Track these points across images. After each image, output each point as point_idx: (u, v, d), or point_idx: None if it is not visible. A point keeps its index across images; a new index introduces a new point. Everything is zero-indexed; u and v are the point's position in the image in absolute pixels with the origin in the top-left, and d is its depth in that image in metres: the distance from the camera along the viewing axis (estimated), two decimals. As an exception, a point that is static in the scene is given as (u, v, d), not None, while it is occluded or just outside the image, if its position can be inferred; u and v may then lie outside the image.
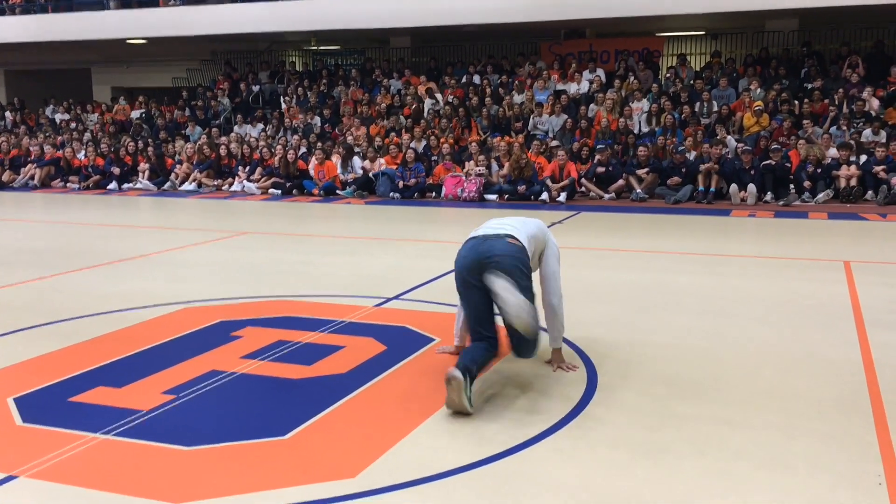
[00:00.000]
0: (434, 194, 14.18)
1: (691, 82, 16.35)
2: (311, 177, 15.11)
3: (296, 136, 16.82)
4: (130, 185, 16.51)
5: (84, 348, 5.25)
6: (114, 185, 16.39)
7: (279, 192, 15.11)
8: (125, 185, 16.48)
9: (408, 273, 7.53)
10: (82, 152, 17.55)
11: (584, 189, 13.83)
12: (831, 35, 17.52)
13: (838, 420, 3.94)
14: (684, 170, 13.26)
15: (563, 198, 13.20)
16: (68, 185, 16.92)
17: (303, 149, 16.01)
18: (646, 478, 3.36)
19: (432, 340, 5.30)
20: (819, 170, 12.85)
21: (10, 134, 20.05)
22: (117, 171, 16.59)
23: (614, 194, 13.59)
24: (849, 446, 3.64)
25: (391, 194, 14.22)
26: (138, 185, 16.41)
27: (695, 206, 12.69)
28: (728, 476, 3.37)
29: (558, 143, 14.77)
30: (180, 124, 19.30)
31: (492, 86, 17.43)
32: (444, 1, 17.37)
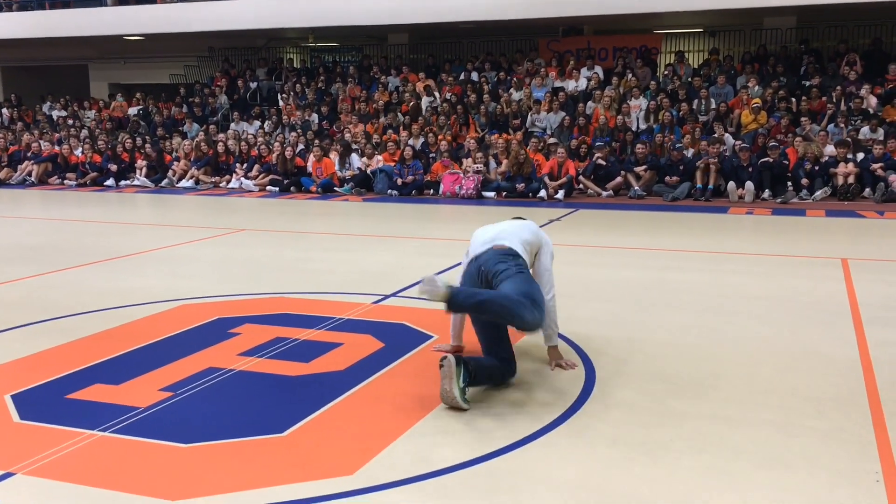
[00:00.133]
0: (432, 191, 14.17)
1: (689, 80, 16.36)
2: (308, 174, 15.11)
3: (293, 133, 16.80)
4: (127, 182, 16.49)
5: (81, 345, 5.24)
6: (111, 182, 16.37)
7: (277, 189, 15.10)
8: (122, 182, 16.46)
9: (406, 270, 7.52)
10: (79, 149, 17.52)
11: (581, 186, 13.83)
12: (829, 32, 17.54)
13: (836, 418, 3.95)
14: (682, 167, 13.26)
15: (560, 195, 13.20)
16: (65, 181, 16.89)
17: (300, 146, 15.99)
18: (644, 475, 3.36)
19: (430, 337, 5.30)
20: (817, 167, 12.86)
21: (6, 131, 20.01)
22: (114, 167, 16.58)
23: (612, 192, 13.60)
24: (847, 444, 3.64)
25: (389, 191, 14.22)
26: (135, 182, 16.38)
27: (693, 203, 12.69)
28: (726, 474, 3.37)
29: (556, 140, 14.77)
30: (178, 121, 19.27)
31: (490, 83, 17.42)
32: (442, -2, 17.39)
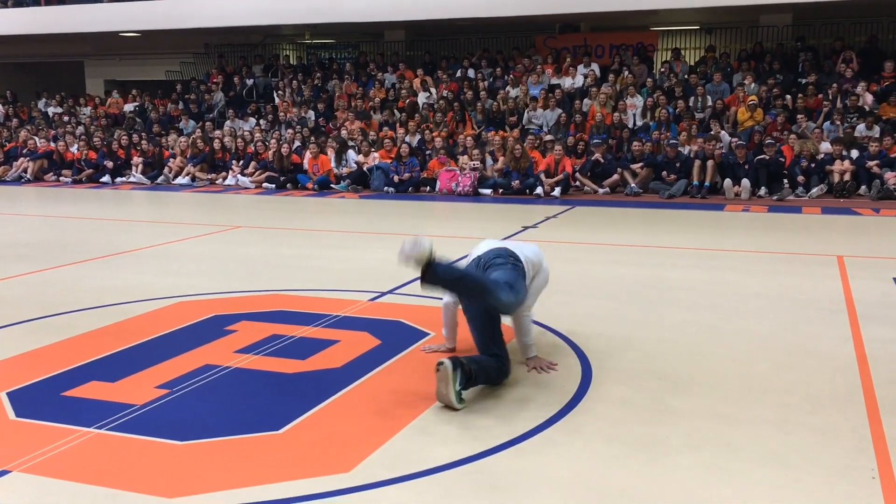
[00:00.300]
0: (428, 188, 14.16)
1: (686, 77, 16.36)
2: (305, 171, 15.09)
3: (290, 129, 16.79)
4: (123, 178, 16.44)
5: (77, 342, 5.23)
6: (107, 179, 16.34)
7: (273, 186, 15.08)
8: (118, 179, 16.42)
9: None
10: (75, 146, 17.47)
11: (578, 183, 13.83)
12: (825, 30, 17.56)
13: (833, 415, 3.95)
14: (678, 164, 13.27)
15: (557, 192, 13.20)
16: (61, 178, 16.85)
17: (297, 143, 15.97)
18: (641, 472, 3.37)
19: (427, 335, 5.30)
20: (813, 165, 12.88)
21: (2, 127, 19.96)
22: (110, 164, 16.54)
23: (608, 189, 13.60)
24: (843, 441, 3.65)
25: (385, 188, 14.21)
26: (131, 179, 16.34)
27: (689, 200, 12.70)
28: (724, 471, 3.37)
29: (553, 137, 14.77)
30: (174, 118, 19.24)
31: (486, 79, 17.41)
32: (438, -5, 17.39)
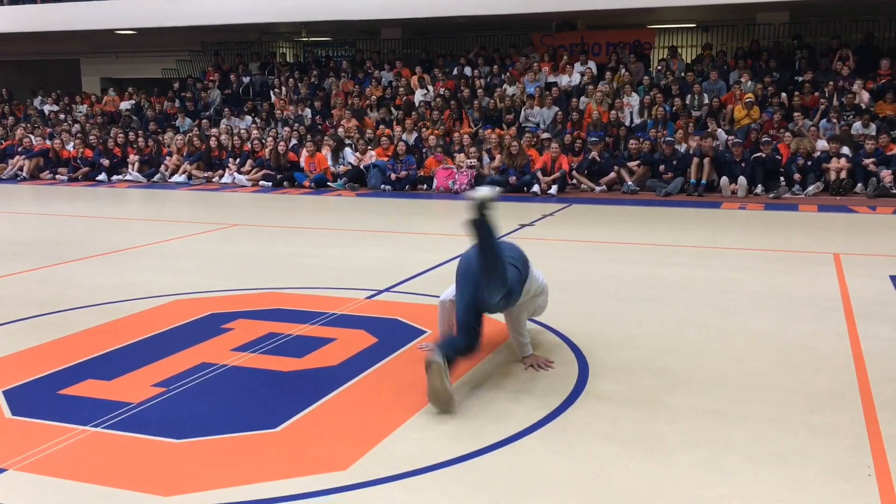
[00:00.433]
0: (425, 186, 14.16)
1: (682, 75, 16.36)
2: (301, 169, 15.07)
3: (286, 127, 16.76)
4: (119, 176, 16.42)
5: (73, 341, 5.22)
6: (103, 177, 16.30)
7: (270, 184, 15.06)
8: (114, 177, 16.39)
9: (399, 265, 7.52)
10: (71, 144, 17.43)
11: (575, 181, 13.83)
12: (822, 28, 17.57)
13: (829, 412, 3.96)
14: (675, 161, 13.27)
15: (554, 190, 13.20)
16: (57, 176, 16.81)
17: (293, 141, 15.95)
18: (638, 470, 3.37)
19: (423, 333, 5.29)
20: (809, 162, 12.89)
21: (-3, 125, 19.94)
22: (106, 162, 16.50)
23: (605, 187, 13.60)
24: (839, 438, 3.65)
25: (382, 186, 14.19)
26: (128, 177, 16.31)
27: (686, 198, 12.70)
28: (720, 468, 3.38)
29: (549, 135, 14.76)
30: (170, 116, 19.20)
31: (482, 77, 17.40)
32: (435, -8, 17.36)
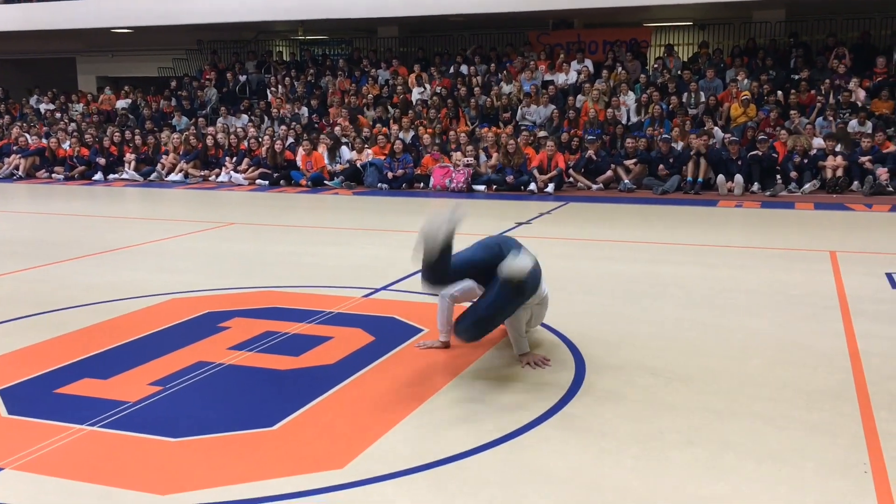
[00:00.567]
0: (422, 185, 14.15)
1: (679, 73, 16.36)
2: (298, 167, 15.06)
3: (283, 126, 16.75)
4: (116, 175, 16.39)
5: (70, 339, 5.22)
6: (99, 176, 16.27)
7: (266, 182, 15.04)
8: (111, 176, 16.36)
9: (395, 264, 7.50)
10: (67, 142, 17.40)
11: (571, 180, 13.83)
12: (818, 26, 17.58)
13: (825, 410, 3.97)
14: (672, 159, 13.28)
15: (550, 188, 13.20)
16: (53, 175, 16.78)
17: (290, 139, 15.93)
18: (634, 467, 3.37)
19: (420, 331, 5.30)
20: (805, 160, 12.90)
21: (-7, 124, 19.87)
22: (102, 161, 16.47)
23: (602, 185, 13.60)
24: (836, 436, 3.66)
25: (379, 185, 14.19)
26: (124, 176, 16.29)
27: (682, 196, 12.71)
28: (716, 466, 3.38)
29: (546, 133, 14.76)
30: (166, 114, 19.17)
31: (479, 75, 17.39)
32: (431, -10, 17.33)
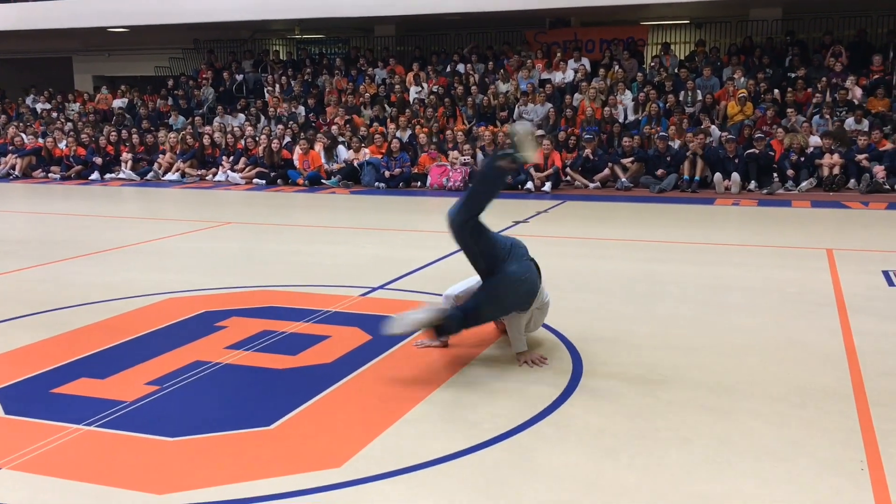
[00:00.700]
0: (419, 184, 14.15)
1: (676, 71, 16.37)
2: (295, 166, 15.05)
3: (280, 125, 16.74)
4: (113, 175, 16.37)
5: (67, 339, 5.21)
6: (96, 176, 16.25)
7: (263, 181, 15.03)
8: (107, 176, 16.33)
9: (393, 262, 7.51)
10: (63, 142, 17.37)
11: (568, 178, 13.84)
12: (814, 24, 17.59)
13: (821, 407, 3.97)
14: (669, 158, 13.29)
15: (547, 187, 13.21)
16: (50, 175, 16.75)
17: (287, 138, 15.92)
18: (631, 465, 3.38)
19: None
20: (802, 158, 12.92)
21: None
22: (99, 160, 16.46)
23: (599, 183, 13.61)
24: (832, 433, 3.67)
25: (376, 184, 14.18)
26: (121, 176, 16.27)
27: (679, 194, 12.72)
28: (713, 463, 3.39)
29: (543, 132, 14.76)
30: (163, 114, 19.15)
31: (477, 73, 17.38)
32: (428, -11, 17.33)
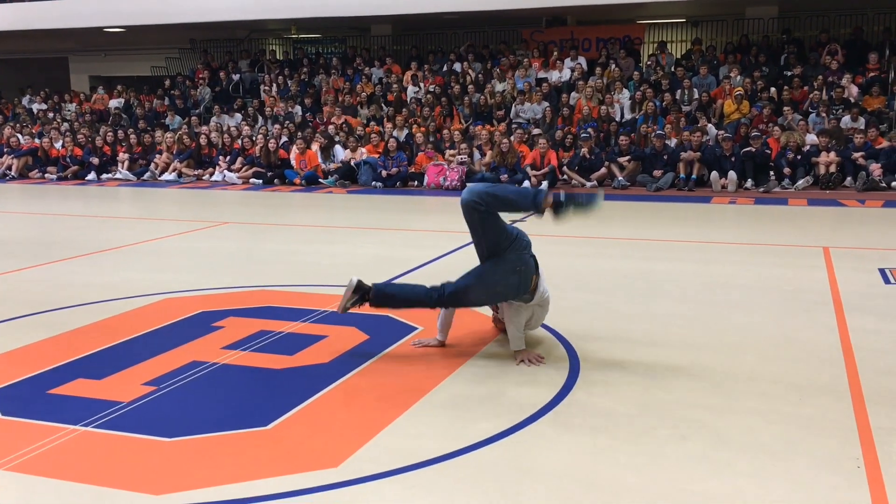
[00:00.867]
0: (416, 183, 14.15)
1: (672, 70, 16.38)
2: (292, 166, 15.04)
3: (276, 125, 16.73)
4: (109, 175, 16.35)
5: (63, 340, 5.20)
6: (92, 176, 16.23)
7: (260, 181, 15.02)
8: (104, 176, 16.31)
9: (390, 262, 7.51)
10: (60, 142, 17.35)
11: (565, 177, 13.84)
12: (811, 22, 17.61)
13: (819, 405, 3.98)
14: (665, 156, 13.30)
15: (544, 185, 13.20)
16: (46, 175, 16.73)
17: (284, 138, 15.91)
18: (629, 463, 3.38)
19: (415, 329, 5.30)
20: (799, 156, 12.94)
21: (-15, 124, 19.78)
22: (96, 161, 16.43)
23: (596, 182, 13.62)
24: (829, 431, 3.67)
25: (373, 183, 14.18)
26: (117, 176, 16.25)
27: (676, 193, 12.73)
28: (710, 461, 3.39)
29: (539, 131, 14.77)
30: (160, 114, 19.12)
31: (474, 71, 17.38)
32: (425, -12, 17.32)
